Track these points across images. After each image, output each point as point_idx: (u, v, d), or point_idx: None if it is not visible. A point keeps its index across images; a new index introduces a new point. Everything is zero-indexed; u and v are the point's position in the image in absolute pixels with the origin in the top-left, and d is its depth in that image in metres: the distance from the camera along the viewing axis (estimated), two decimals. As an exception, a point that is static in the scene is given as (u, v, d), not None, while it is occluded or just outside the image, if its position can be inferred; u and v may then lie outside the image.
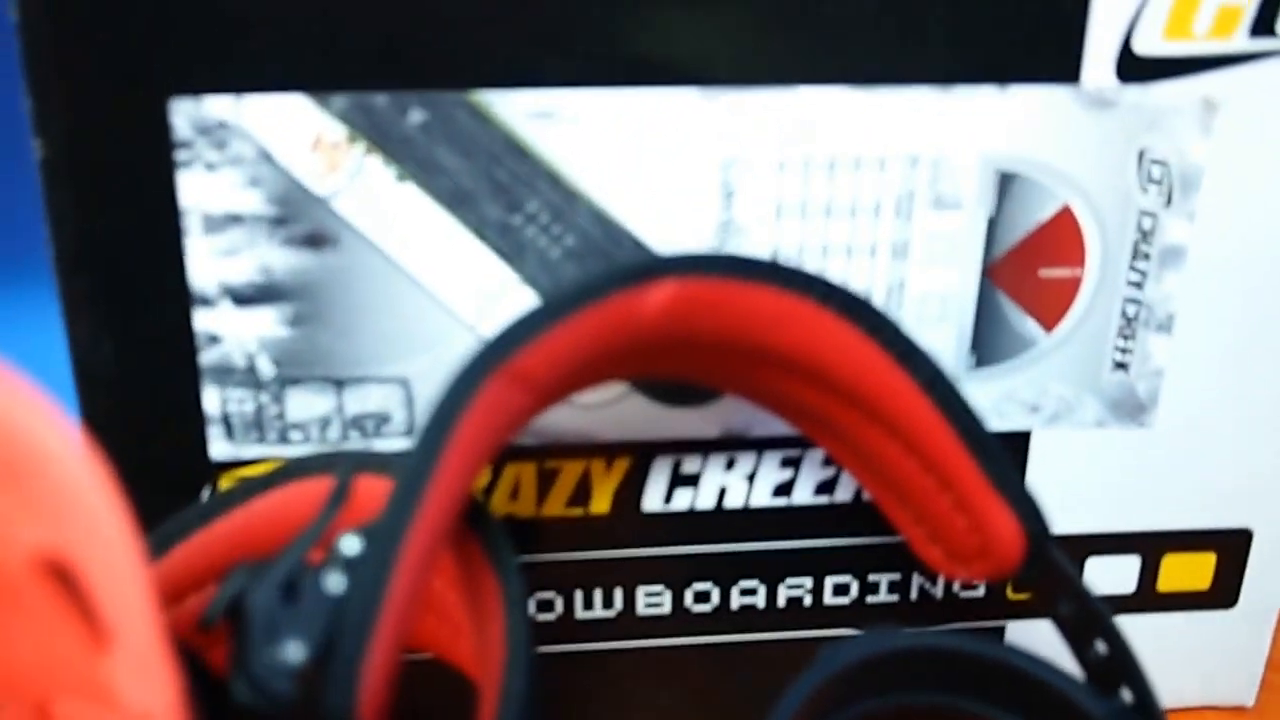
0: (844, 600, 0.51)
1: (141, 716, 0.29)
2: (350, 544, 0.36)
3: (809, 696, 0.42)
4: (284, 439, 0.45)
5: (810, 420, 0.43)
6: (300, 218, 0.42)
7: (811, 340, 0.39)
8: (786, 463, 0.48)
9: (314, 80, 0.41)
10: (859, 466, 0.44)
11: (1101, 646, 0.41)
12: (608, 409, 0.47)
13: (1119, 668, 0.41)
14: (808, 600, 0.51)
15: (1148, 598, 0.52)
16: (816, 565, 0.50)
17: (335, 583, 0.35)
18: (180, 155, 0.41)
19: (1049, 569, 0.42)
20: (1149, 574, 0.51)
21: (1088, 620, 0.42)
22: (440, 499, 0.36)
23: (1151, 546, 0.51)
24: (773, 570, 0.50)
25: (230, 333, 0.43)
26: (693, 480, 0.48)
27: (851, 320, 0.39)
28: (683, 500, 0.48)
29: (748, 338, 0.39)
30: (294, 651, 0.33)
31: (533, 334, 0.36)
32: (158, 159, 0.41)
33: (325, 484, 0.41)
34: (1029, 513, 0.41)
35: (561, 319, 0.36)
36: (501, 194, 0.43)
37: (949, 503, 0.42)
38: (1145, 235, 0.45)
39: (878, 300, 0.45)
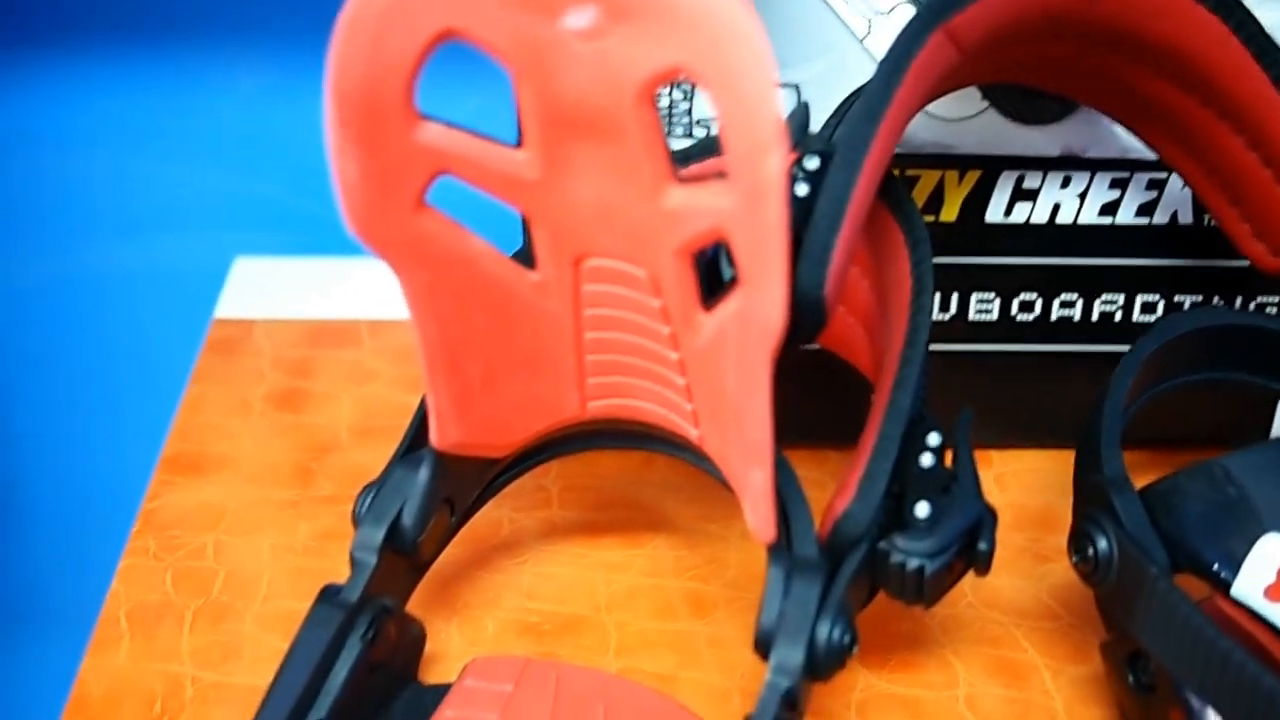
0: (1151, 318, 0.58)
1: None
2: (811, 161, 0.43)
3: (1145, 362, 0.49)
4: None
5: (1158, 120, 0.50)
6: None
7: (1183, 32, 0.46)
8: (1115, 184, 0.55)
9: None
10: (1195, 165, 0.51)
11: None
12: (966, 124, 0.54)
13: None
14: (1119, 316, 0.58)
15: None
16: (1130, 282, 0.57)
17: (801, 189, 0.43)
18: None
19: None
20: None
21: None
22: (890, 124, 0.43)
23: None
24: (1091, 285, 0.57)
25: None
26: (1031, 195, 0.55)
27: (1221, 16, 0.46)
28: (1020, 213, 0.55)
29: (1128, 25, 0.46)
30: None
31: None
32: None
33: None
34: None
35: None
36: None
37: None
38: None
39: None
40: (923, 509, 0.42)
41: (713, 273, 0.42)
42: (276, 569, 0.54)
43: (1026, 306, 0.57)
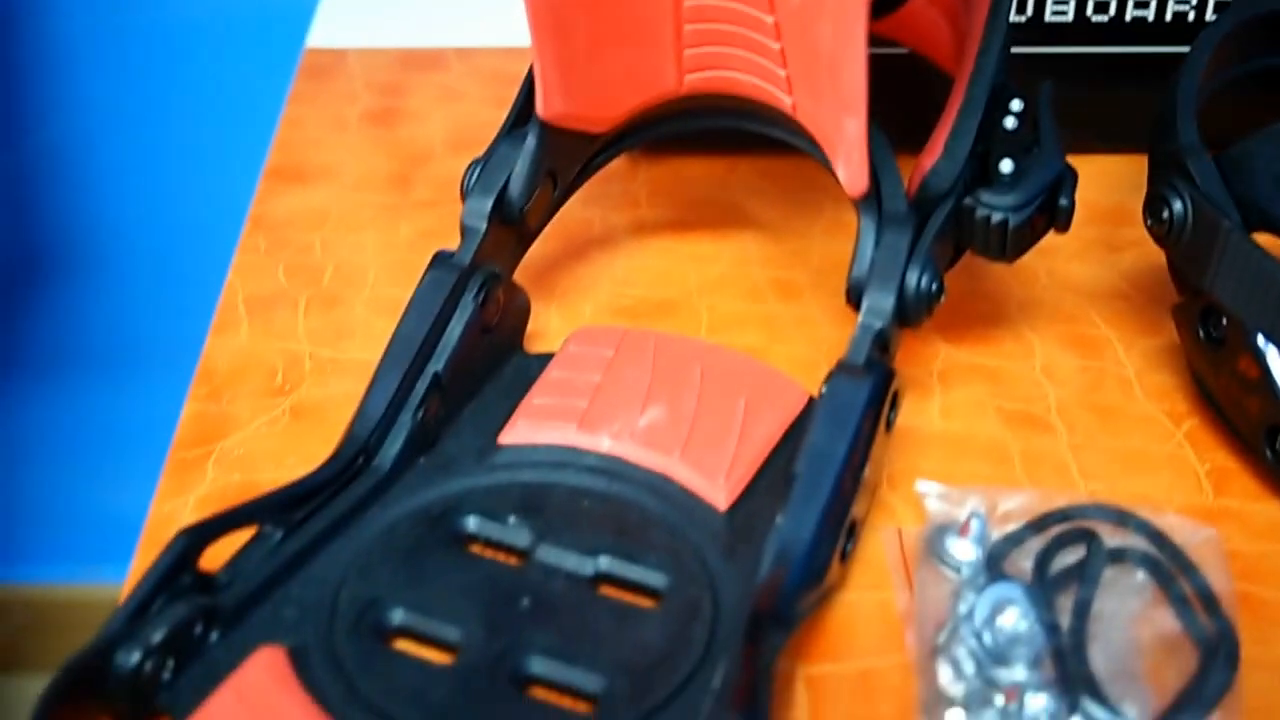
0: (1225, 18, 0.59)
1: None
2: None
3: (1221, 42, 0.51)
4: None
5: None
6: None
7: None
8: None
9: None
10: None
11: None
12: None
13: None
14: (1191, 16, 0.59)
15: None
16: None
17: None
18: None
19: None
20: None
21: None
22: None
23: None
24: (1167, -15, 0.58)
25: None
26: (1110, -108, 0.56)
27: None
28: (1099, -89, 0.56)
29: None
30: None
31: None
32: None
33: None
34: None
35: None
36: None
37: None
38: None
39: None
40: (1007, 165, 0.44)
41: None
42: (381, 263, 0.57)
43: (1101, 8, 0.58)
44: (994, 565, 0.42)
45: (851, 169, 0.43)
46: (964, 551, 0.42)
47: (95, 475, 1.08)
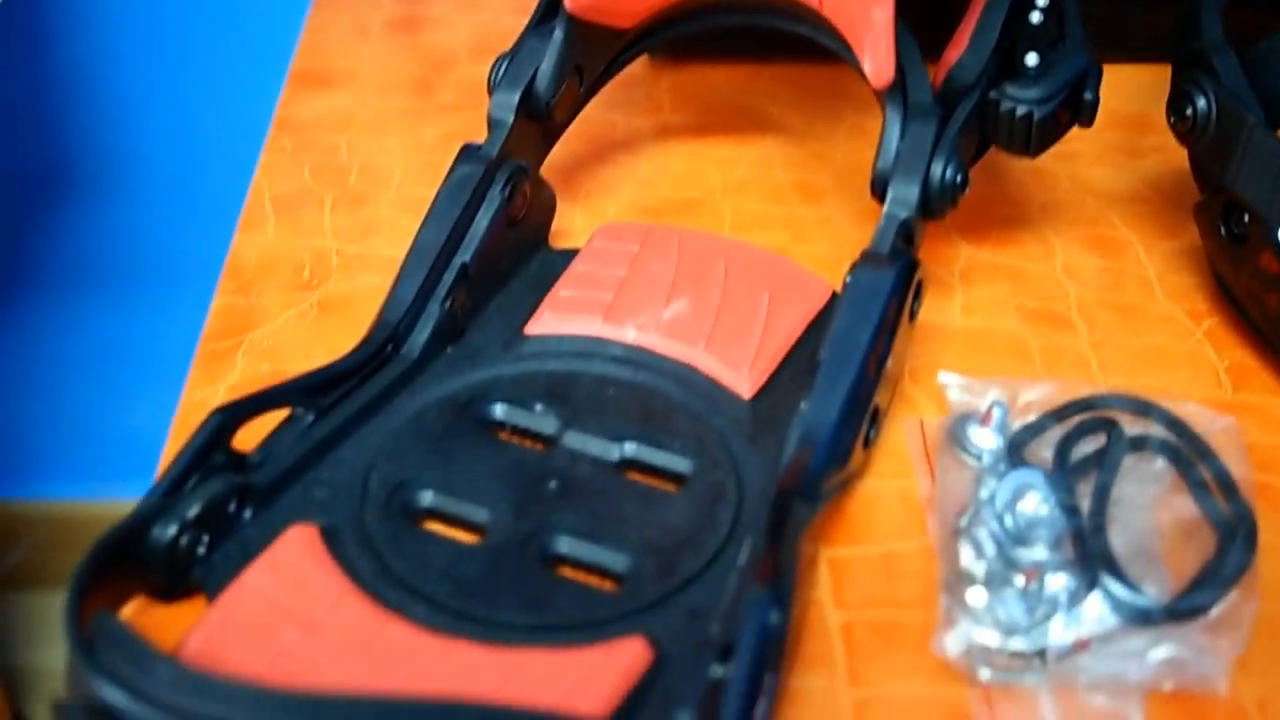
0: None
1: None
2: None
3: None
4: None
5: None
6: None
7: None
8: None
9: None
10: None
11: None
12: None
13: None
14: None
15: None
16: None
17: None
18: None
19: None
20: None
21: None
22: None
23: None
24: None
25: None
26: None
27: None
28: None
29: None
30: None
31: None
32: None
33: None
34: None
35: None
36: None
37: None
38: None
39: None
40: (1032, 59, 0.45)
41: None
42: (407, 164, 0.57)
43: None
44: (1015, 453, 0.42)
45: (878, 59, 0.43)
46: (985, 440, 0.43)
47: (117, 391, 1.09)
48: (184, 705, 0.31)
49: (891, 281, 0.42)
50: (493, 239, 0.46)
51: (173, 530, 0.38)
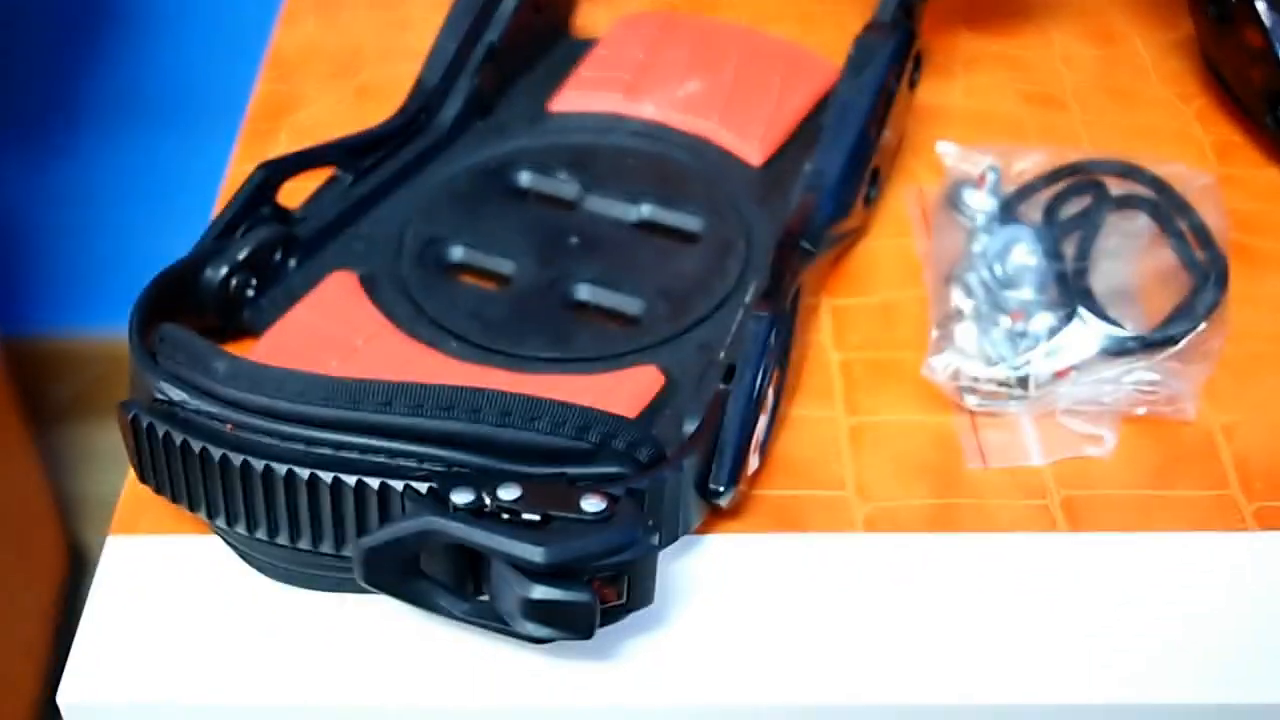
0: None
1: None
2: None
3: None
4: None
5: None
6: None
7: None
8: None
9: None
10: None
11: None
12: None
13: None
14: None
15: None
16: None
17: None
18: None
19: None
20: None
21: None
22: None
23: None
24: None
25: None
26: None
27: None
28: None
29: None
30: None
31: None
32: None
33: None
34: None
35: None
36: None
37: None
38: None
39: None
40: None
41: None
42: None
43: None
44: (1007, 213, 0.45)
45: None
46: (980, 202, 0.46)
47: (167, 224, 1.12)
48: (236, 396, 0.34)
49: (891, 48, 0.45)
50: (519, 21, 0.49)
51: (224, 270, 0.41)
